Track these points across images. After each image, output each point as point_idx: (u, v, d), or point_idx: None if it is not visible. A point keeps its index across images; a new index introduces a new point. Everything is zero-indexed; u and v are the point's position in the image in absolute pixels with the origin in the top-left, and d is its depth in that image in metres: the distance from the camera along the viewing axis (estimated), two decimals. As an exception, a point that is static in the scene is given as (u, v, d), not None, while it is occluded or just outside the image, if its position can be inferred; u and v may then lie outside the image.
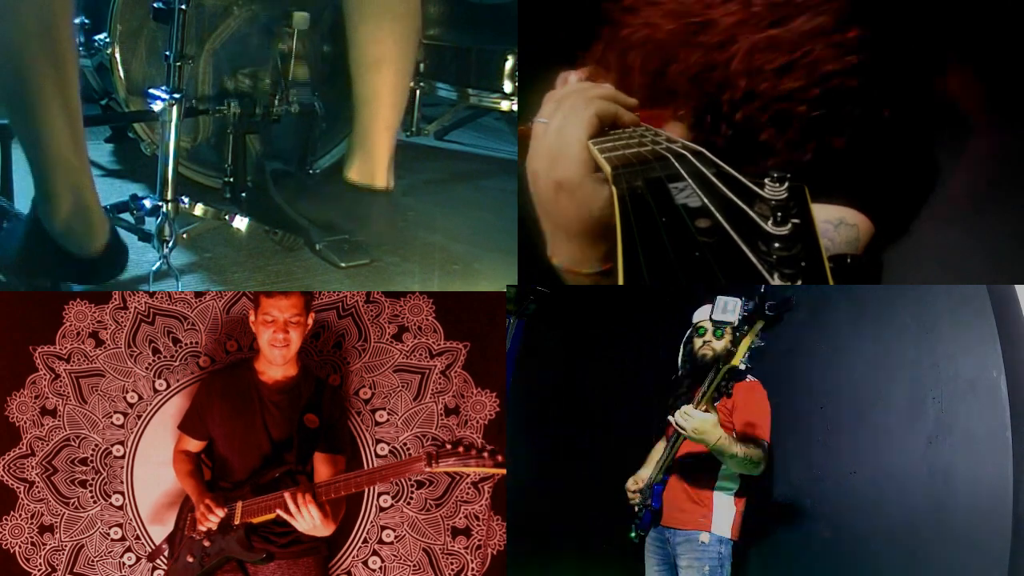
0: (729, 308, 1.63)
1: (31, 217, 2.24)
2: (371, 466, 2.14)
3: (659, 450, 2.30)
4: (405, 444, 2.14)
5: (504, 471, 1.85)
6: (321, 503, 1.83)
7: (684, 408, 1.87)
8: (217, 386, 2.01)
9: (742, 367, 1.71)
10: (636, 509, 2.25)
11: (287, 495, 1.81)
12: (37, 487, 2.14)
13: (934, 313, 2.05)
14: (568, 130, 1.05)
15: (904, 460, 2.04)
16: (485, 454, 1.79)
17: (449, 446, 1.81)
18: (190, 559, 1.90)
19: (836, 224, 1.16)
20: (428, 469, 1.81)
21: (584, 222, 1.04)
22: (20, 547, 2.13)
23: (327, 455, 1.97)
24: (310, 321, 1.96)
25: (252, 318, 1.96)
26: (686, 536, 2.11)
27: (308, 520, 1.81)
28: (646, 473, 2.29)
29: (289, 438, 1.92)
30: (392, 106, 2.67)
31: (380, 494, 2.13)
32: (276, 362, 1.93)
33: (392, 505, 2.13)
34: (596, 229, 1.04)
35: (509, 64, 3.52)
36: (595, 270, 1.08)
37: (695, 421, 1.85)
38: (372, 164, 2.65)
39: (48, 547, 2.13)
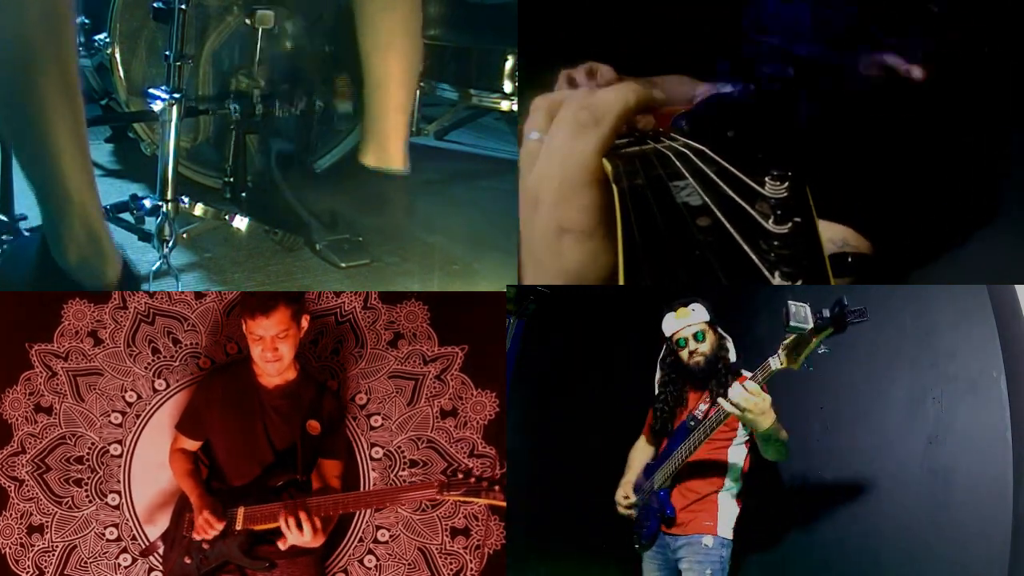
0: (802, 315, 1.57)
1: (40, 250, 2.21)
2: (367, 470, 2.14)
3: (642, 449, 2.30)
4: (400, 448, 2.14)
5: (504, 504, 1.87)
6: (325, 516, 1.84)
7: (746, 385, 1.79)
8: (216, 387, 1.99)
9: (809, 369, 1.67)
10: (636, 519, 2.22)
11: (283, 510, 1.81)
12: (27, 485, 2.14)
13: (934, 313, 2.05)
14: (576, 157, 0.86)
15: (904, 460, 2.04)
16: (497, 487, 1.79)
17: (461, 475, 1.81)
18: (187, 560, 1.89)
19: (840, 245, 1.16)
20: (439, 497, 1.81)
21: (576, 272, 0.88)
22: (9, 548, 2.12)
23: (329, 461, 1.96)
24: (304, 324, 1.92)
25: (244, 328, 1.91)
26: (687, 539, 2.08)
27: (297, 536, 1.81)
28: (631, 477, 2.27)
29: (292, 446, 1.91)
30: (403, 86, 2.68)
31: (376, 494, 2.14)
32: (271, 374, 1.91)
33: (387, 505, 2.13)
34: (569, 276, 0.89)
35: (509, 64, 3.52)
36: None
37: (760, 402, 1.79)
38: (388, 147, 2.67)
39: (36, 548, 2.12)
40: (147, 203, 2.53)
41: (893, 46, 1.17)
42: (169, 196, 2.43)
